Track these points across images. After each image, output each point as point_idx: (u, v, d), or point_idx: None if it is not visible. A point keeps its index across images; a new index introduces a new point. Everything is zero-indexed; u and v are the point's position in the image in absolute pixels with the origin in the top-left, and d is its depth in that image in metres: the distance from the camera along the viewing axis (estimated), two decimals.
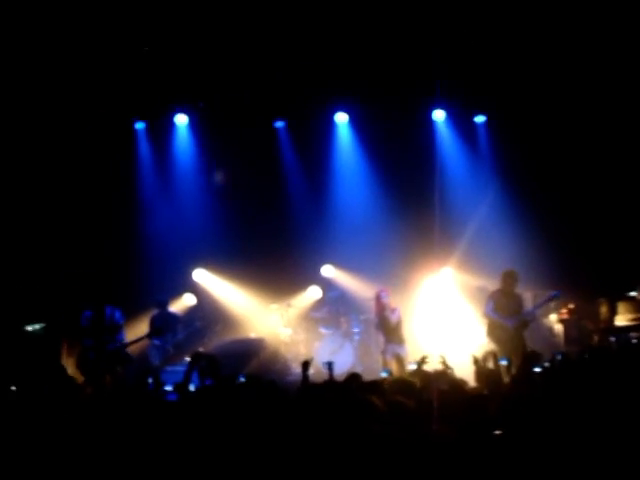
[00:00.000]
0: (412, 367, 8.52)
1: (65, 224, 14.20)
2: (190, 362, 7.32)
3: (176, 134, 15.48)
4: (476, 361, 7.70)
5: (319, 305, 15.29)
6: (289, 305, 14.97)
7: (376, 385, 6.62)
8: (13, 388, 7.34)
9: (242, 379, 7.18)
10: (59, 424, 6.01)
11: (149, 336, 12.93)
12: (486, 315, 11.94)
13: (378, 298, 12.68)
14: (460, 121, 15.76)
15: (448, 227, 15.00)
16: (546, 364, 7.98)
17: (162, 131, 15.37)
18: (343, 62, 14.01)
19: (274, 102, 14.93)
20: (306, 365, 7.50)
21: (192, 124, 15.42)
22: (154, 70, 13.78)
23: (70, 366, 12.09)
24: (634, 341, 13.12)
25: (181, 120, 15.34)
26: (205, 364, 7.18)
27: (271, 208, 15.52)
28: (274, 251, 15.09)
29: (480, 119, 15.77)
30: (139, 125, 15.25)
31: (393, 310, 12.55)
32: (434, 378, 6.83)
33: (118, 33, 12.93)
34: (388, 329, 12.42)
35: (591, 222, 14.78)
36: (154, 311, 13.68)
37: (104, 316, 11.82)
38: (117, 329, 11.92)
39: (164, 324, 13.37)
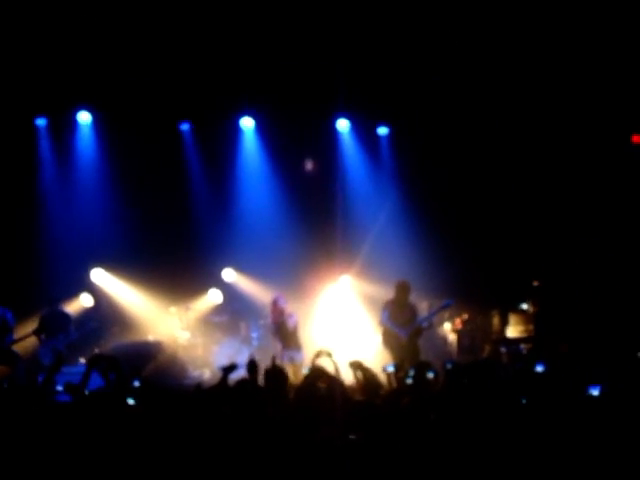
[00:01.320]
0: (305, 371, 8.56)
1: None
2: (88, 363, 7.18)
3: (79, 132, 15.24)
4: (355, 366, 7.60)
5: (219, 309, 15.28)
6: (188, 308, 14.92)
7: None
8: None
9: (137, 383, 7.07)
10: None
11: (35, 333, 12.67)
12: (381, 324, 12.15)
13: (275, 303, 12.68)
14: (363, 131, 16.04)
15: (349, 236, 15.19)
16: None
17: (64, 128, 15.10)
18: (251, 67, 14.06)
19: (179, 104, 14.86)
20: (230, 370, 7.22)
21: (95, 122, 15.20)
22: (59, 66, 13.54)
23: None
24: (524, 352, 13.57)
25: (84, 118, 15.11)
26: (105, 366, 7.06)
27: (174, 210, 15.42)
28: (175, 254, 15.02)
29: (383, 130, 16.07)
30: (40, 121, 14.94)
31: (290, 316, 12.57)
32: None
33: (23, 28, 12.67)
34: (285, 335, 12.46)
35: (486, 235, 15.21)
36: (44, 309, 13.33)
37: None
38: (7, 331, 11.68)
39: (54, 323, 13.10)
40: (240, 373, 12.29)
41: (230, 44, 13.73)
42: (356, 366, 7.44)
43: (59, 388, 7.60)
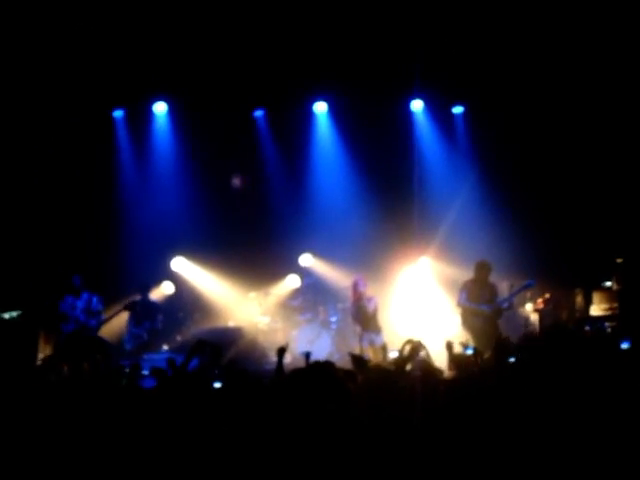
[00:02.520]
0: (394, 354, 8.52)
1: (45, 212, 14.13)
2: (192, 350, 7.26)
3: (155, 122, 15.46)
4: (449, 346, 7.67)
5: (297, 294, 15.35)
6: (267, 294, 15.01)
7: (351, 374, 6.67)
8: None
9: (217, 384, 7.10)
10: (32, 414, 6.02)
11: (128, 321, 12.99)
12: (460, 304, 12.03)
13: (355, 287, 12.70)
14: (438, 111, 15.88)
15: (426, 217, 15.07)
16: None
17: (141, 119, 15.33)
18: (323, 51, 14.04)
19: (253, 91, 14.92)
20: (282, 352, 7.41)
21: (171, 112, 15.40)
22: (134, 57, 13.73)
23: (48, 353, 12.13)
24: (608, 330, 13.28)
25: (160, 108, 15.33)
26: (209, 352, 7.16)
27: (250, 197, 15.56)
28: (253, 240, 15.12)
29: (458, 110, 15.88)
30: (117, 113, 15.20)
31: (370, 299, 12.59)
32: (408, 362, 6.85)
33: (97, 20, 12.88)
34: (365, 318, 12.44)
35: (568, 212, 14.92)
36: (136, 297, 13.65)
37: (83, 302, 11.88)
38: (95, 315, 11.98)
39: (143, 311, 13.40)
40: (323, 356, 12.47)
41: (303, 28, 13.73)
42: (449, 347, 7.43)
43: (145, 372, 7.71)
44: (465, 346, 8.31)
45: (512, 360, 7.06)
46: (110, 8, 12.85)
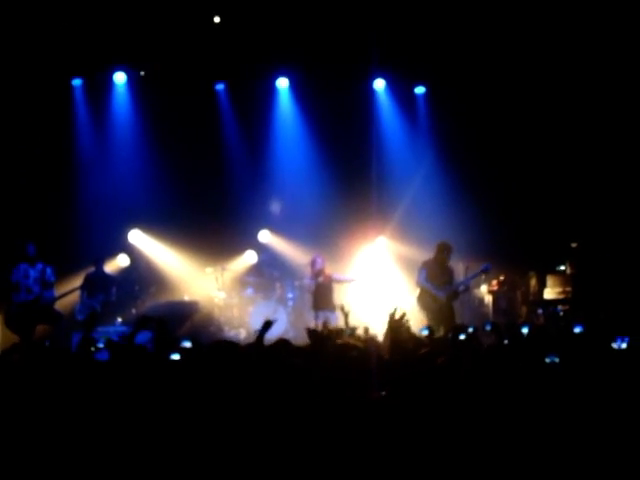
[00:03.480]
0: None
1: (1, 179, 13.92)
2: (137, 323, 7.21)
3: (114, 92, 15.26)
4: (392, 320, 7.51)
5: (254, 269, 15.32)
6: (224, 269, 14.94)
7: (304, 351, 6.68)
8: None
9: (187, 344, 7.07)
10: None
11: (81, 288, 12.90)
12: (419, 284, 12.09)
13: (313, 264, 12.80)
14: (400, 91, 15.89)
15: (384, 197, 15.10)
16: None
17: (100, 89, 15.14)
18: (286, 27, 13.96)
19: (215, 64, 14.82)
20: (268, 325, 7.18)
21: (131, 83, 15.22)
22: (95, 27, 13.54)
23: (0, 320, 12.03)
24: (561, 314, 13.46)
25: (119, 78, 15.14)
26: (154, 326, 7.10)
27: (210, 171, 15.45)
28: (211, 214, 15.06)
29: (420, 90, 15.91)
30: (76, 82, 14.98)
31: (327, 277, 12.67)
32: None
33: None
34: (321, 295, 12.53)
35: (524, 195, 15.05)
36: (89, 269, 13.54)
37: (37, 272, 11.75)
38: (49, 286, 11.87)
39: (97, 283, 13.32)
40: (278, 333, 12.47)
41: (266, 3, 13.64)
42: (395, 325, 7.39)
43: (100, 345, 7.64)
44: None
45: (462, 337, 7.10)
46: None
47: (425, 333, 7.62)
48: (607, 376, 5.27)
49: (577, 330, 6.93)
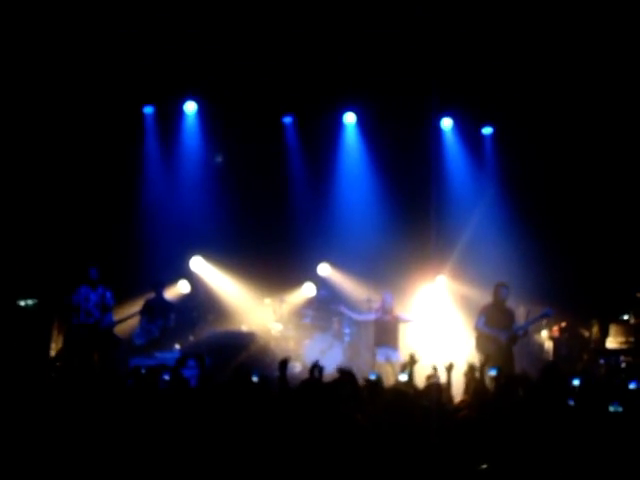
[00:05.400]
0: (402, 376, 8.46)
1: (68, 203, 14.17)
2: (177, 363, 7.28)
3: (184, 121, 15.50)
4: (470, 370, 7.54)
5: (312, 303, 15.31)
6: (282, 301, 14.98)
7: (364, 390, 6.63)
8: None
9: (255, 378, 7.16)
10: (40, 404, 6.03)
11: (140, 314, 13.03)
12: (477, 329, 11.95)
13: (383, 301, 12.95)
14: (467, 131, 15.84)
15: (445, 235, 15.01)
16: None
17: (171, 117, 15.39)
18: (356, 63, 14.05)
19: (284, 97, 14.96)
20: (284, 364, 7.32)
21: (201, 112, 15.43)
22: (168, 56, 13.79)
23: (60, 343, 12.18)
24: (623, 365, 13.14)
25: (190, 108, 15.38)
26: (199, 364, 7.19)
27: (273, 203, 15.55)
28: (273, 246, 15.11)
29: (487, 130, 15.85)
30: (148, 110, 15.27)
31: (394, 316, 12.83)
32: (425, 393, 6.76)
33: (131, 19, 12.94)
34: (385, 332, 12.64)
35: (589, 241, 14.82)
36: (150, 295, 13.69)
37: (97, 296, 11.89)
38: (107, 310, 11.99)
39: (157, 309, 13.43)
40: (329, 369, 12.42)
41: (336, 40, 13.74)
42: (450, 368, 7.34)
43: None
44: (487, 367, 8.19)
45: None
46: (149, 7, 12.91)
47: (493, 373, 7.51)
48: None
49: (632, 386, 6.76)
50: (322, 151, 15.82)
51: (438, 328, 14.67)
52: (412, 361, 8.26)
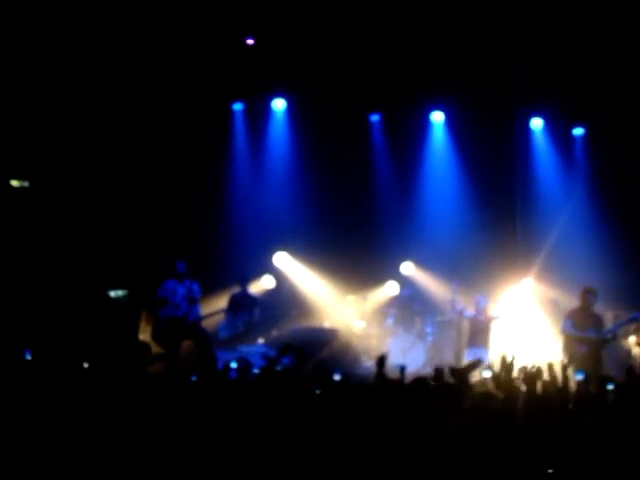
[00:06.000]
0: (486, 372, 8.37)
1: (159, 198, 14.45)
2: (280, 351, 7.38)
3: (273, 118, 15.66)
4: (550, 368, 7.41)
5: (395, 301, 15.28)
6: (365, 298, 14.99)
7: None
8: (85, 365, 7.52)
9: (337, 377, 7.22)
10: (125, 399, 6.16)
11: (226, 311, 13.22)
12: (564, 332, 11.79)
13: (477, 303, 13.15)
14: (558, 131, 15.59)
15: (532, 238, 14.82)
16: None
17: (260, 114, 15.56)
18: (445, 61, 13.98)
19: (371, 95, 14.97)
20: (382, 361, 7.31)
21: (289, 109, 15.56)
22: (258, 53, 13.96)
23: (147, 335, 12.42)
24: None
25: (279, 105, 15.52)
26: (294, 355, 7.28)
27: (359, 200, 15.57)
28: (357, 243, 15.13)
29: (578, 131, 15.57)
30: (237, 106, 15.47)
31: (488, 316, 13.08)
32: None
33: (221, 16, 13.14)
34: (478, 332, 12.88)
35: None
36: (235, 289, 13.88)
37: (185, 289, 12.08)
38: (195, 302, 12.17)
39: (241, 303, 13.61)
40: (415, 368, 12.40)
41: (424, 38, 13.71)
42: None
43: (233, 365, 7.81)
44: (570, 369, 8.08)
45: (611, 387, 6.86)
46: (239, 3, 13.09)
47: (580, 377, 7.40)
48: None
49: None
50: (409, 149, 15.77)
51: (525, 331, 14.47)
52: (506, 364, 8.17)
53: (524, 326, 14.57)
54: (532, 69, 13.78)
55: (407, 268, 15.60)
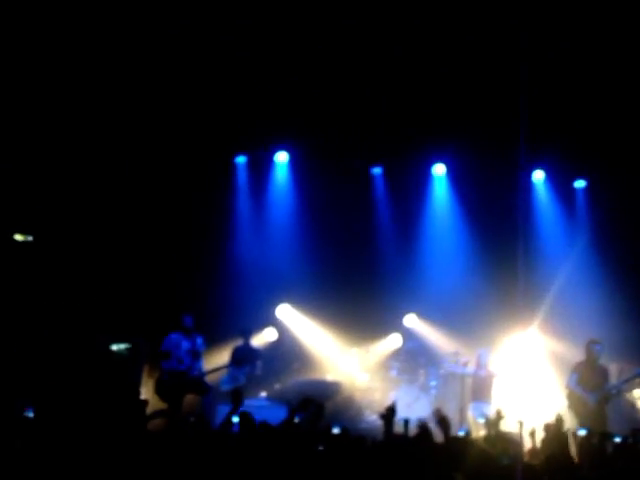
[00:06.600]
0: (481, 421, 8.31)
1: (161, 250, 14.47)
2: (299, 405, 7.34)
3: (275, 171, 15.76)
4: (547, 428, 7.39)
5: (398, 354, 15.20)
6: (368, 351, 14.93)
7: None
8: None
9: (336, 430, 7.18)
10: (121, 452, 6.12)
11: (229, 366, 13.16)
12: (568, 387, 11.72)
13: (479, 357, 13.21)
14: (560, 183, 15.67)
15: (535, 290, 14.79)
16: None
17: (262, 167, 15.68)
18: (446, 114, 14.08)
19: (373, 148, 15.07)
20: (390, 416, 7.20)
21: (292, 162, 15.66)
22: (260, 107, 14.06)
23: (150, 388, 12.35)
24: None
25: (281, 158, 15.64)
26: (313, 410, 7.24)
27: (361, 252, 15.59)
28: (359, 295, 15.09)
29: (580, 184, 15.64)
30: (240, 159, 15.58)
31: (490, 371, 13.10)
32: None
33: (222, 67, 13.27)
34: (481, 387, 12.87)
35: None
36: (238, 342, 13.84)
37: (189, 343, 12.05)
38: (198, 356, 12.13)
39: (244, 355, 13.55)
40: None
41: (422, 92, 13.82)
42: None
43: (235, 419, 7.76)
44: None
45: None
46: (241, 57, 13.23)
47: (582, 433, 7.34)
48: None
49: None
50: (411, 202, 15.85)
51: (528, 383, 14.37)
52: (499, 417, 8.13)
53: (528, 379, 14.47)
54: (534, 121, 13.81)
55: (410, 320, 15.55)
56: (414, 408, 13.42)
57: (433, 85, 13.71)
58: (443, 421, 6.79)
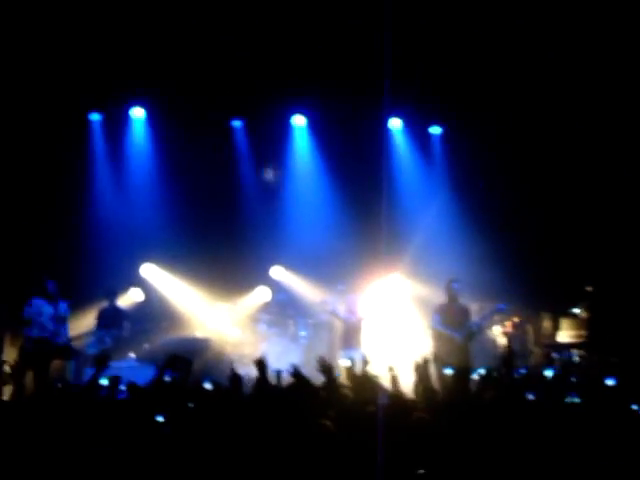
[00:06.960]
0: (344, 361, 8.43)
1: (18, 214, 13.91)
2: (165, 364, 7.20)
3: (132, 127, 15.34)
4: (417, 368, 7.52)
5: (267, 307, 15.27)
6: (237, 305, 14.92)
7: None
8: None
9: (208, 385, 7.11)
10: None
11: (95, 327, 12.89)
12: (433, 327, 12.06)
13: (348, 303, 13.18)
14: (416, 131, 15.93)
15: (397, 235, 15.07)
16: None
17: (118, 123, 15.20)
18: (305, 64, 14.04)
19: (232, 101, 14.89)
20: (262, 365, 7.22)
21: (149, 118, 15.29)
22: (113, 61, 13.63)
23: (13, 356, 11.97)
24: (576, 359, 13.32)
25: (138, 114, 15.23)
26: (179, 367, 7.11)
27: (224, 207, 15.46)
28: (224, 250, 15.01)
29: (436, 130, 15.96)
30: (94, 116, 15.07)
31: (359, 317, 13.01)
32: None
33: (80, 22, 12.79)
34: (352, 334, 12.82)
35: (539, 236, 15.00)
36: (103, 304, 13.53)
37: (52, 309, 11.71)
38: (62, 321, 11.82)
39: (110, 318, 13.29)
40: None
41: (284, 40, 13.73)
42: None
43: (104, 382, 7.59)
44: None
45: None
46: (94, 11, 12.76)
47: (449, 372, 7.53)
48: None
49: (610, 383, 6.83)
50: (272, 154, 15.80)
51: (394, 326, 14.74)
52: (365, 362, 8.27)
53: (394, 323, 14.85)
54: (390, 69, 13.94)
55: (277, 272, 15.61)
56: (285, 359, 13.51)
57: (291, 34, 13.61)
58: (327, 370, 6.84)
